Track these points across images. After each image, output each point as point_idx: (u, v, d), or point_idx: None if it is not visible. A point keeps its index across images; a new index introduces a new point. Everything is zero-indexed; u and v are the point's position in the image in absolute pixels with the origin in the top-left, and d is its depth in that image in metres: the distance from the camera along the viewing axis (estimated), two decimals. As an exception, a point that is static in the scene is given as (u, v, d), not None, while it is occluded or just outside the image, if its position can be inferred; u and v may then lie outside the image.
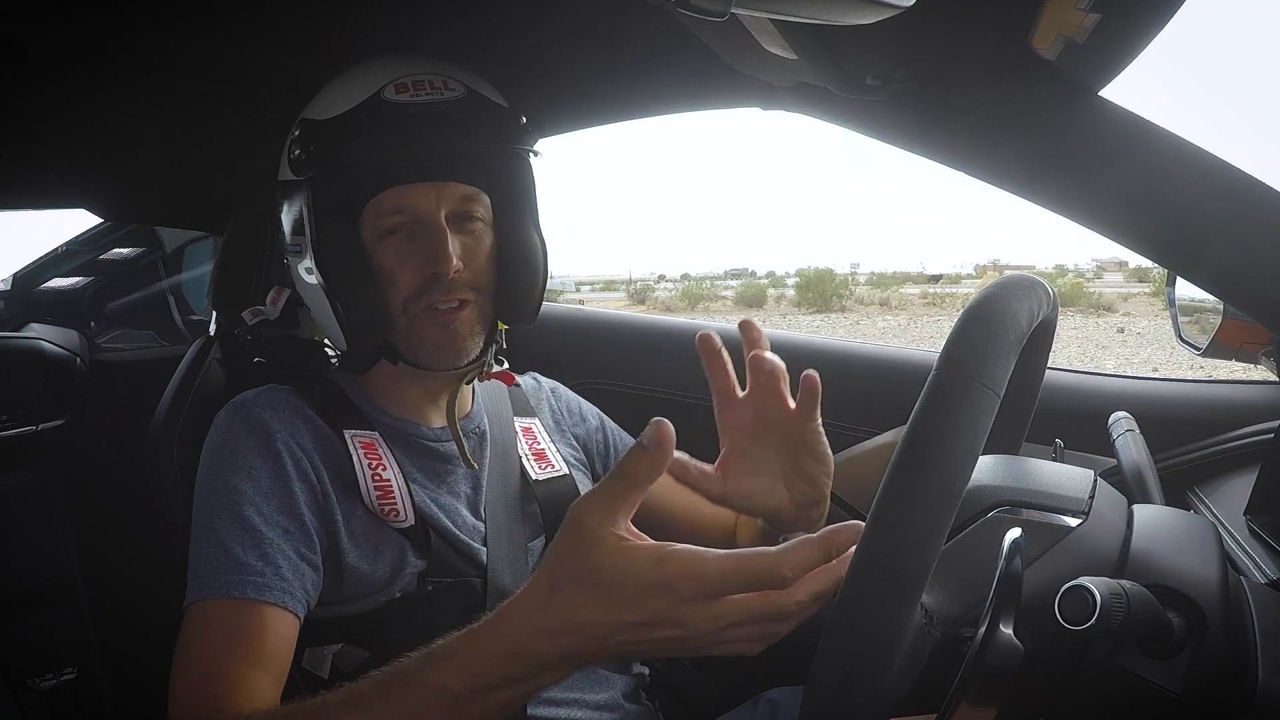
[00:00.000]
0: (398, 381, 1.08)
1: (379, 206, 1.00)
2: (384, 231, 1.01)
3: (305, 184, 1.01)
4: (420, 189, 1.00)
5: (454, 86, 1.01)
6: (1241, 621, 0.69)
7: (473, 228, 1.04)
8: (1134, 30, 0.76)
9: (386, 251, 1.01)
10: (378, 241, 1.01)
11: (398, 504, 1.00)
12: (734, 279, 30.35)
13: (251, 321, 1.18)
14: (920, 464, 0.59)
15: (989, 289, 0.68)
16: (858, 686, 0.58)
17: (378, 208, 1.01)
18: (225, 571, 0.89)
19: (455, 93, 1.00)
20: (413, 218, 1.00)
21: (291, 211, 1.04)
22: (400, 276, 1.01)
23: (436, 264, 0.99)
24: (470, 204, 1.04)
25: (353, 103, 0.99)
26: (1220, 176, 0.81)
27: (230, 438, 0.99)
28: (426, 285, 1.00)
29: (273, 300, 1.17)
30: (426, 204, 1.00)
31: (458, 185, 1.02)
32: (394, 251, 1.01)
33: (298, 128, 1.03)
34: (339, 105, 1.00)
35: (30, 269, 2.11)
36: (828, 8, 0.56)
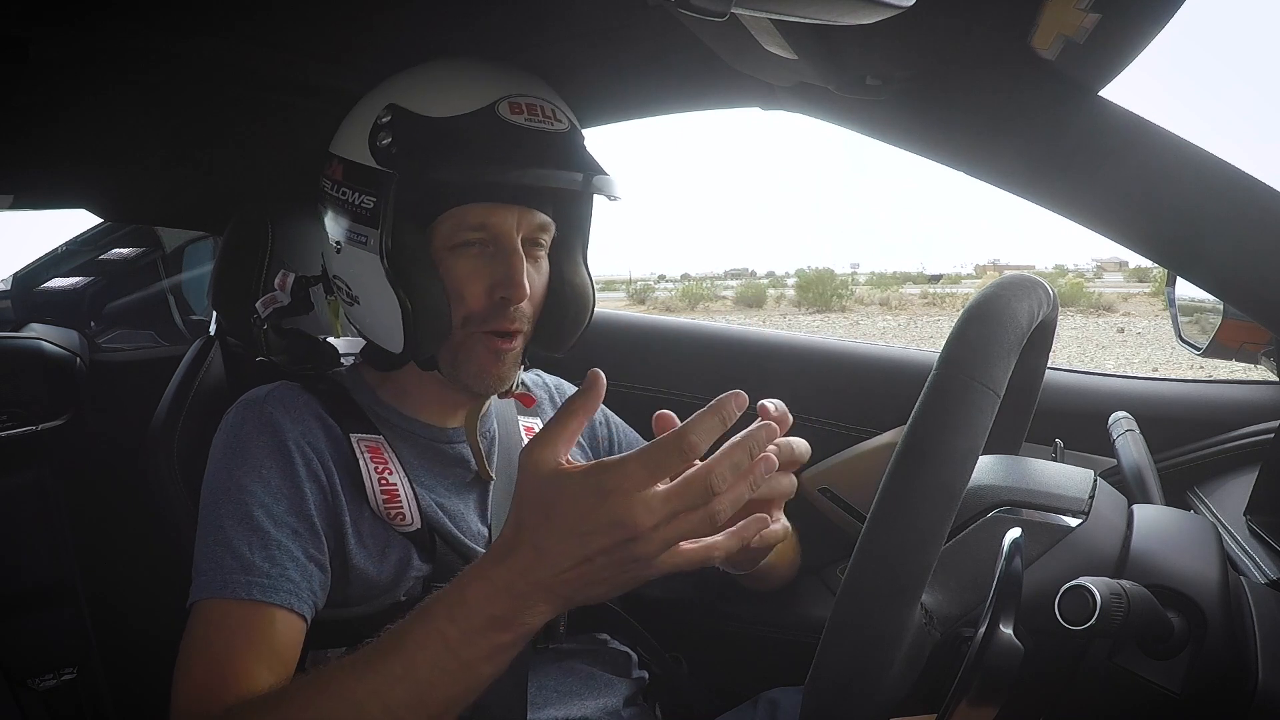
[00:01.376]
0: (417, 384, 1.07)
1: (462, 218, 0.97)
2: (459, 244, 0.98)
3: (388, 178, 0.96)
4: (505, 209, 0.98)
5: (561, 118, 0.99)
6: (1241, 621, 0.69)
7: (538, 255, 1.03)
8: (1134, 30, 0.76)
9: (459, 264, 0.98)
10: (449, 252, 0.98)
11: (404, 508, 1.00)
12: (734, 279, 30.36)
13: (266, 312, 1.16)
14: (920, 464, 0.59)
15: (989, 289, 0.68)
16: (858, 686, 0.58)
17: (459, 219, 0.97)
18: (231, 571, 0.89)
19: (562, 125, 0.99)
20: (491, 237, 0.98)
21: (359, 198, 0.98)
22: (469, 293, 0.98)
23: (510, 289, 0.97)
24: (542, 233, 1.03)
25: (464, 109, 0.95)
26: (1220, 176, 0.81)
27: (241, 436, 0.98)
28: (494, 308, 0.99)
29: (281, 284, 1.15)
30: (508, 226, 0.98)
31: (537, 213, 1.01)
32: (467, 266, 0.98)
33: (388, 112, 0.97)
34: (446, 105, 0.96)
35: (30, 269, 2.11)
36: (828, 8, 0.56)
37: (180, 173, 1.44)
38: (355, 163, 0.99)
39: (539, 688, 1.03)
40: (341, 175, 1.01)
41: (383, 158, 0.96)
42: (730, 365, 1.56)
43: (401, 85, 1.00)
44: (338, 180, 1.01)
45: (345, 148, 1.01)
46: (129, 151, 1.37)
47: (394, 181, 0.95)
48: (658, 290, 25.34)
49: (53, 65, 1.10)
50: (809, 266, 26.02)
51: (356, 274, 1.01)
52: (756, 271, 35.31)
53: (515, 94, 0.97)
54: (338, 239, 1.02)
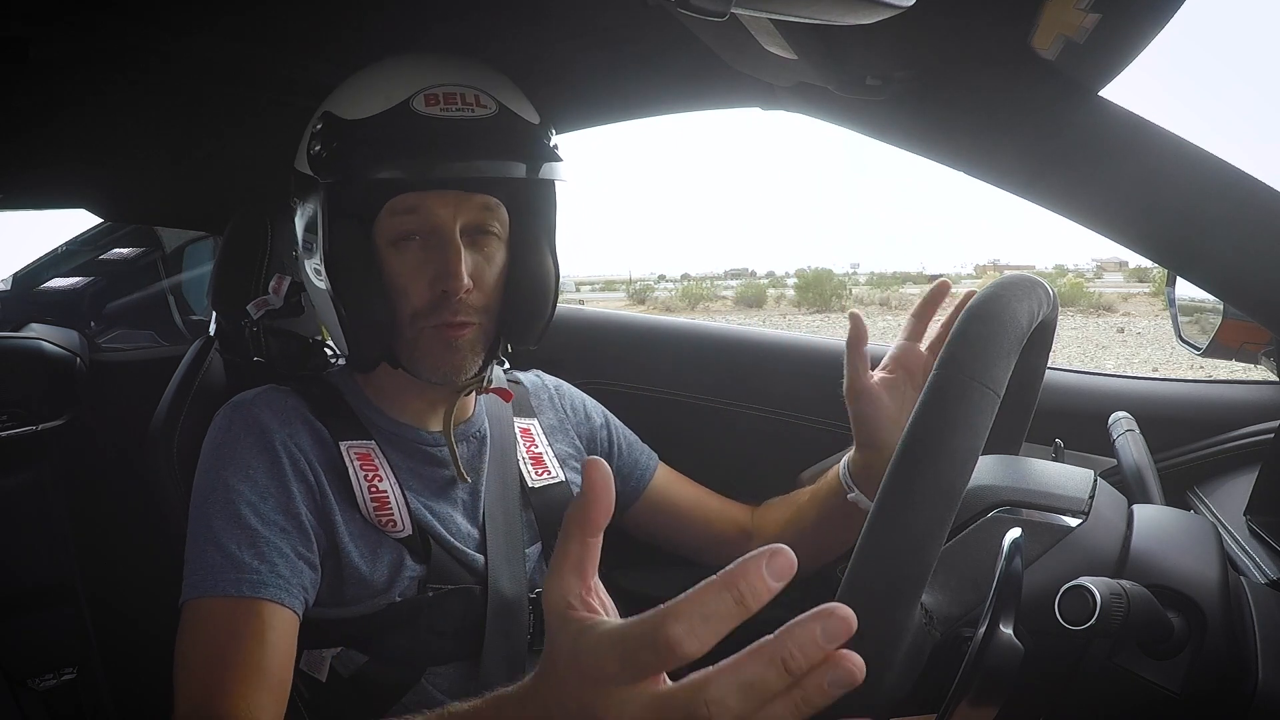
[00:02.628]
0: (399, 385, 1.07)
1: (395, 206, 0.98)
2: (398, 237, 0.98)
3: (321, 182, 0.97)
4: (439, 197, 0.97)
5: (486, 103, 0.97)
6: (1241, 621, 0.69)
7: (486, 242, 1.02)
8: (1134, 30, 0.76)
9: (399, 260, 0.99)
10: (390, 247, 0.99)
11: (394, 515, 1.00)
12: (734, 279, 30.33)
13: (258, 315, 1.16)
14: (920, 463, 0.59)
15: (990, 288, 0.68)
16: (858, 686, 0.58)
17: (393, 207, 0.98)
18: (220, 570, 0.89)
19: (486, 110, 0.96)
20: (428, 225, 0.98)
21: (306, 208, 1.02)
22: (411, 289, 0.99)
23: (447, 280, 0.97)
24: (487, 216, 1.01)
25: (380, 107, 0.95)
26: (1220, 176, 0.81)
27: (228, 437, 0.98)
28: (436, 302, 0.99)
29: (275, 288, 1.16)
30: (444, 213, 0.97)
31: (476, 195, 0.99)
32: (406, 262, 0.98)
33: (320, 120, 0.99)
34: (365, 107, 0.96)
35: (30, 269, 2.11)
36: (828, 8, 0.56)
37: (180, 173, 1.44)
38: (299, 173, 1.02)
39: None
40: (294, 187, 1.04)
41: (315, 165, 0.98)
42: (730, 365, 1.56)
43: (337, 92, 1.02)
44: (293, 192, 1.05)
45: (298, 160, 1.04)
46: (129, 151, 1.37)
47: (322, 187, 0.97)
48: (658, 290, 25.32)
49: (53, 65, 1.10)
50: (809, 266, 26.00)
51: (308, 279, 1.05)
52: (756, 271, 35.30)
53: (433, 85, 0.95)
54: (294, 249, 1.06)
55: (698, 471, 1.33)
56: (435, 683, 1.00)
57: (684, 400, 1.53)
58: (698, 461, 1.35)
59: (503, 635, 1.02)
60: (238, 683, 0.84)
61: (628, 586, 1.30)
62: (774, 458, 1.43)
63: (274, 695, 0.86)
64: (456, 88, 0.96)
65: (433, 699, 0.99)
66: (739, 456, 1.47)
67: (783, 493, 1.37)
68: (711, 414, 1.52)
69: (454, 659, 1.01)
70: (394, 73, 0.98)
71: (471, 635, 1.01)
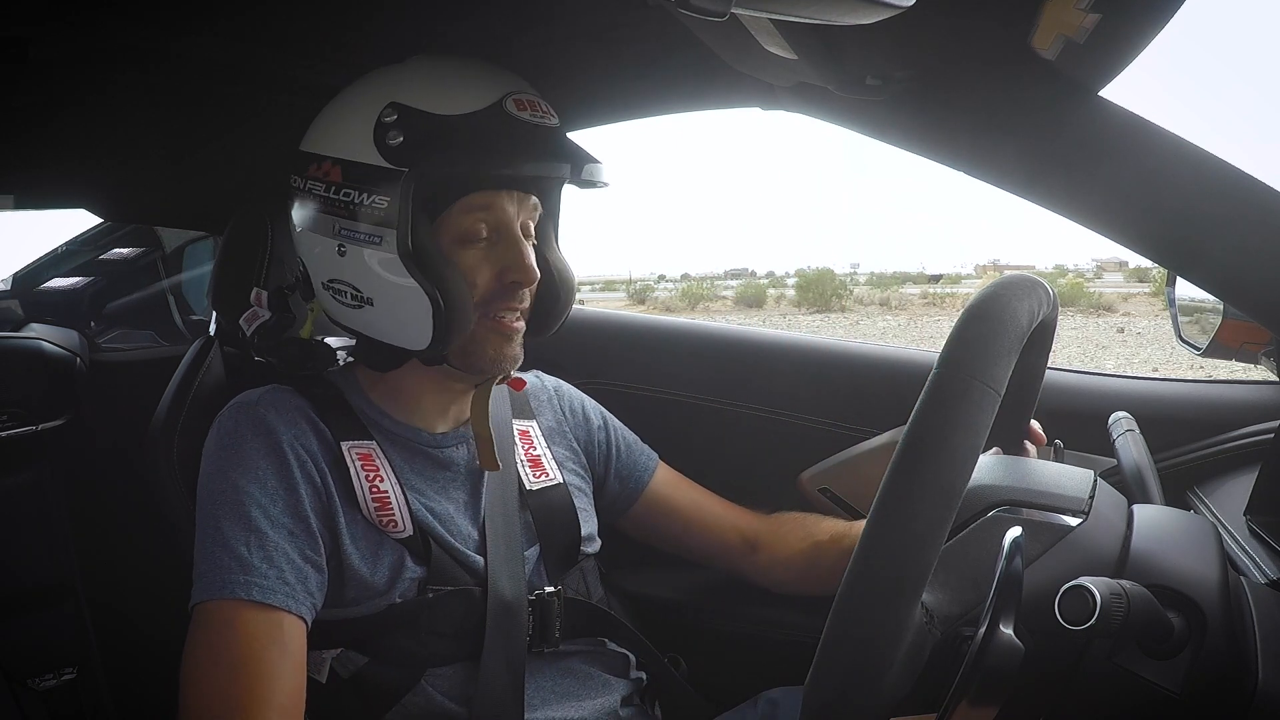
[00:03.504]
0: (410, 384, 1.07)
1: (469, 203, 1.00)
2: (466, 235, 1.00)
3: (404, 176, 0.95)
4: (506, 196, 1.01)
5: (554, 114, 1.04)
6: (1241, 621, 0.69)
7: (531, 242, 1.06)
8: (1134, 30, 0.76)
9: (467, 255, 1.00)
10: (456, 245, 1.00)
11: (395, 515, 1.00)
12: (734, 279, 30.30)
13: (250, 328, 1.16)
14: (921, 462, 0.59)
15: (989, 288, 0.68)
16: (858, 686, 0.58)
17: (467, 204, 1.00)
18: (230, 571, 0.90)
19: (555, 119, 1.04)
20: (496, 222, 1.01)
21: (368, 198, 0.97)
22: (480, 280, 1.01)
23: (520, 273, 1.01)
24: (533, 218, 1.06)
25: (474, 106, 0.98)
26: (1220, 176, 0.81)
27: (235, 438, 0.98)
28: (500, 292, 1.01)
29: (256, 301, 1.15)
30: (511, 211, 1.02)
31: (531, 197, 1.05)
32: (474, 256, 1.01)
33: (393, 111, 0.96)
34: (457, 104, 0.97)
35: (30, 269, 2.10)
36: (828, 8, 0.56)
37: (180, 173, 1.44)
38: (360, 163, 0.97)
39: (536, 688, 1.04)
40: (340, 176, 0.98)
41: (394, 157, 0.95)
42: (730, 365, 1.56)
43: (397, 82, 1.00)
44: (334, 182, 0.99)
45: (340, 148, 0.99)
46: (129, 151, 1.37)
47: (411, 179, 0.95)
48: (658, 290, 25.30)
49: (53, 65, 1.10)
50: (809, 266, 25.99)
51: (369, 274, 0.99)
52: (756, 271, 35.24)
53: (516, 91, 1.00)
54: (340, 242, 1.00)
55: (698, 471, 1.33)
56: (435, 684, 1.00)
57: (684, 400, 1.53)
58: (698, 461, 1.35)
59: (503, 636, 1.02)
60: (250, 701, 0.85)
61: (629, 588, 1.30)
62: (774, 458, 1.43)
63: (286, 714, 0.87)
64: (535, 97, 1.02)
65: (432, 700, 0.99)
66: (739, 456, 1.47)
67: (783, 493, 1.37)
68: (711, 414, 1.52)
69: (454, 660, 1.01)
70: (474, 73, 1.01)
71: (471, 636, 1.01)
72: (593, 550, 1.17)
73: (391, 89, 0.99)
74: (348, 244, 0.99)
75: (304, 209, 1.03)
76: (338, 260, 1.01)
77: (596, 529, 1.18)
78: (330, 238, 1.00)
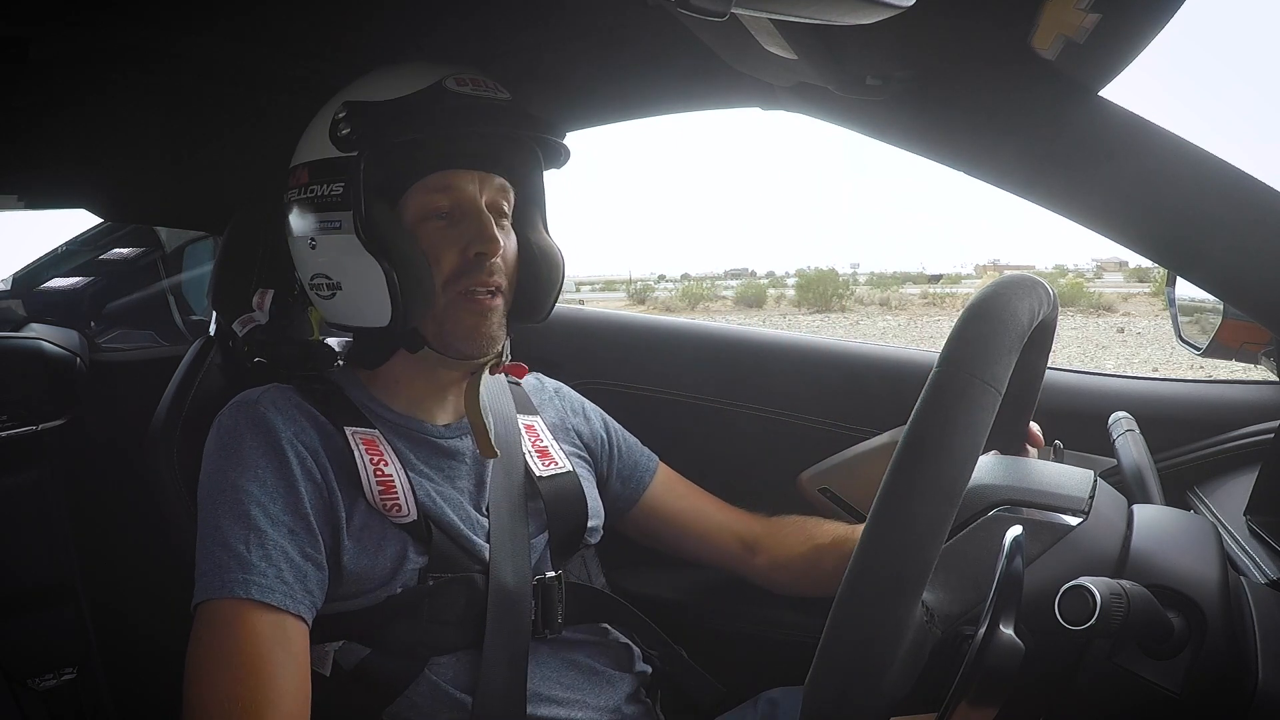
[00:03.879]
0: (406, 376, 1.08)
1: (427, 186, 1.03)
2: (427, 213, 1.03)
3: (354, 161, 1.00)
4: (467, 174, 1.04)
5: (502, 90, 1.07)
6: (1241, 621, 0.69)
7: (503, 224, 1.07)
8: (1134, 30, 0.76)
9: (430, 233, 1.03)
10: (420, 223, 1.03)
11: (400, 499, 1.00)
12: (734, 279, 30.30)
13: (243, 331, 1.17)
14: (921, 461, 0.59)
15: (990, 287, 0.68)
16: (858, 685, 0.58)
17: (425, 187, 1.03)
18: (230, 570, 0.90)
19: (505, 95, 1.06)
20: (456, 200, 1.03)
21: (328, 189, 1.03)
22: (444, 256, 1.03)
23: (483, 244, 1.02)
24: (504, 198, 1.08)
25: (413, 88, 1.02)
26: (1220, 176, 0.81)
27: (235, 437, 0.99)
28: (467, 267, 1.03)
29: (259, 303, 1.17)
30: (472, 189, 1.04)
31: (496, 176, 1.06)
32: (435, 233, 1.03)
33: (344, 109, 1.03)
34: (397, 89, 1.03)
35: (30, 269, 2.10)
36: (828, 8, 0.56)
37: (180, 173, 1.44)
38: (319, 160, 1.05)
39: (541, 679, 1.04)
40: (307, 177, 1.05)
41: (345, 145, 1.02)
42: (730, 365, 1.56)
43: (352, 88, 1.06)
44: (303, 184, 1.06)
45: (307, 154, 1.06)
46: (129, 151, 1.37)
47: (359, 162, 1.00)
48: (658, 290, 25.30)
49: (53, 65, 1.10)
50: (809, 266, 25.98)
51: (334, 260, 1.04)
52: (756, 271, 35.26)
53: (458, 72, 1.04)
54: (311, 235, 1.05)
55: (698, 472, 1.33)
56: (438, 673, 1.00)
57: (684, 400, 1.53)
58: (697, 462, 1.35)
59: (505, 623, 1.02)
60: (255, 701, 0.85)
61: (630, 588, 1.30)
62: (774, 458, 1.43)
63: (291, 715, 0.87)
64: (479, 75, 1.05)
65: (437, 689, 1.00)
66: (739, 456, 1.47)
67: (783, 493, 1.37)
68: (711, 414, 1.52)
69: (456, 648, 1.01)
70: (416, 66, 1.05)
71: (474, 624, 1.01)
72: (595, 540, 1.17)
73: (346, 94, 1.06)
74: (318, 236, 1.05)
75: (289, 216, 1.09)
76: (312, 254, 1.06)
77: (602, 520, 1.19)
78: (305, 235, 1.06)
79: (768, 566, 1.25)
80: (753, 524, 1.27)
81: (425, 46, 1.15)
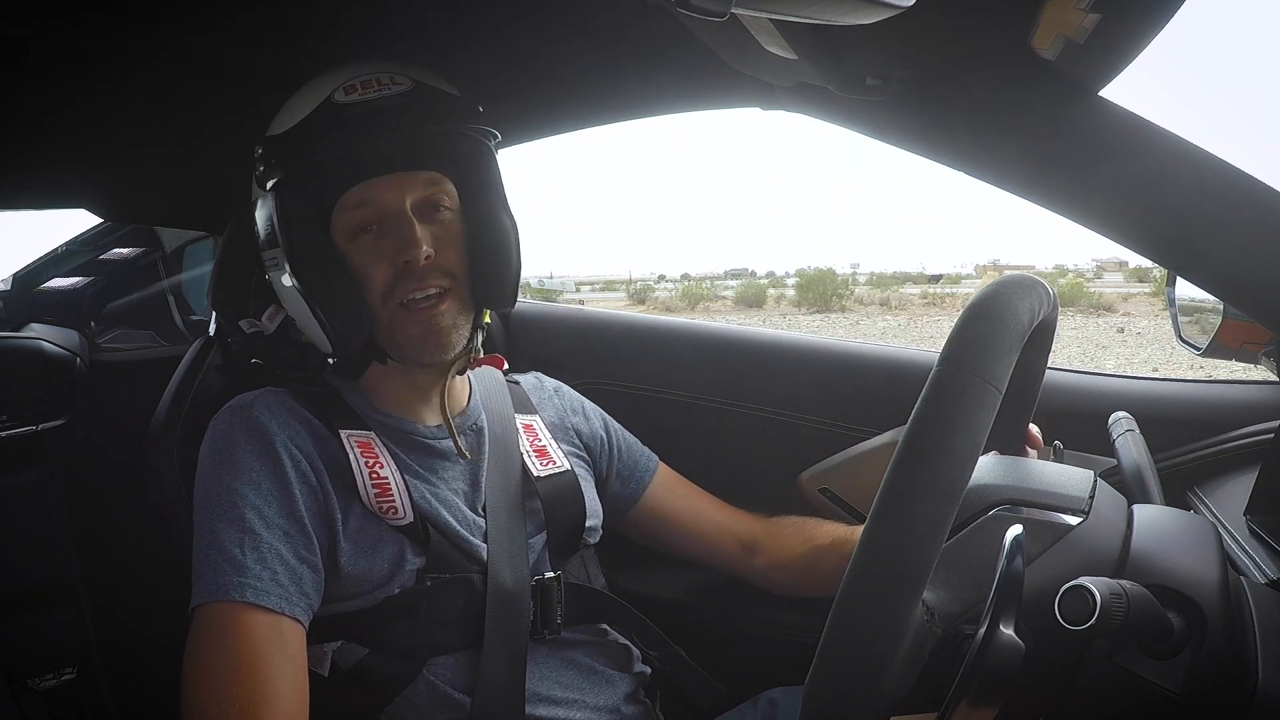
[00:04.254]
0: (389, 380, 1.09)
1: (345, 203, 1.03)
2: (354, 230, 1.03)
3: (270, 195, 1.03)
4: (384, 182, 1.02)
5: (400, 80, 1.02)
6: (1241, 621, 0.69)
7: (441, 216, 1.05)
8: (1134, 30, 0.76)
9: (358, 250, 1.03)
10: (349, 242, 1.03)
11: (395, 501, 1.00)
12: (734, 279, 30.27)
13: (249, 331, 1.18)
14: (922, 459, 0.59)
15: (990, 287, 0.68)
16: (858, 684, 0.58)
17: (344, 205, 1.03)
18: (225, 574, 0.90)
19: (402, 86, 1.02)
20: (379, 212, 1.02)
21: (263, 225, 1.05)
22: (374, 273, 1.02)
23: (407, 251, 1.01)
24: (435, 191, 1.05)
25: (305, 112, 1.02)
26: (1220, 176, 0.81)
27: (229, 441, 0.99)
28: (400, 276, 1.02)
29: (270, 318, 1.18)
30: (392, 196, 1.02)
31: (419, 173, 1.04)
32: (365, 249, 1.02)
33: (260, 146, 1.04)
34: (293, 116, 1.03)
35: (30, 269, 2.10)
36: (828, 8, 0.56)
37: (180, 173, 1.44)
38: (254, 200, 1.07)
39: (540, 679, 1.04)
40: (250, 217, 1.08)
41: (262, 183, 1.04)
42: (730, 365, 1.55)
43: (273, 122, 1.07)
44: (248, 225, 1.09)
45: (248, 195, 1.09)
46: (129, 151, 1.37)
47: (270, 199, 1.03)
48: (658, 290, 25.27)
49: (52, 65, 1.10)
50: (809, 266, 25.96)
51: (282, 294, 1.07)
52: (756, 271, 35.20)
53: (349, 79, 1.02)
54: (267, 273, 1.08)
55: (698, 472, 1.33)
56: (437, 673, 1.00)
57: (684, 400, 1.53)
58: (697, 462, 1.35)
59: (504, 624, 1.02)
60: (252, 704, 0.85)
61: (630, 588, 1.30)
62: (774, 458, 1.43)
63: (289, 718, 0.87)
64: (371, 74, 1.02)
65: (435, 689, 1.00)
66: (739, 456, 1.47)
67: (783, 493, 1.37)
68: (711, 414, 1.52)
69: (455, 649, 1.01)
70: (313, 84, 1.04)
71: (472, 624, 1.02)
72: (594, 540, 1.17)
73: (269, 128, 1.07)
74: (270, 273, 1.07)
75: None
76: (272, 289, 1.09)
77: (601, 520, 1.18)
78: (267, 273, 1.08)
79: (767, 568, 1.25)
80: (752, 525, 1.27)
81: (424, 45, 1.15)
